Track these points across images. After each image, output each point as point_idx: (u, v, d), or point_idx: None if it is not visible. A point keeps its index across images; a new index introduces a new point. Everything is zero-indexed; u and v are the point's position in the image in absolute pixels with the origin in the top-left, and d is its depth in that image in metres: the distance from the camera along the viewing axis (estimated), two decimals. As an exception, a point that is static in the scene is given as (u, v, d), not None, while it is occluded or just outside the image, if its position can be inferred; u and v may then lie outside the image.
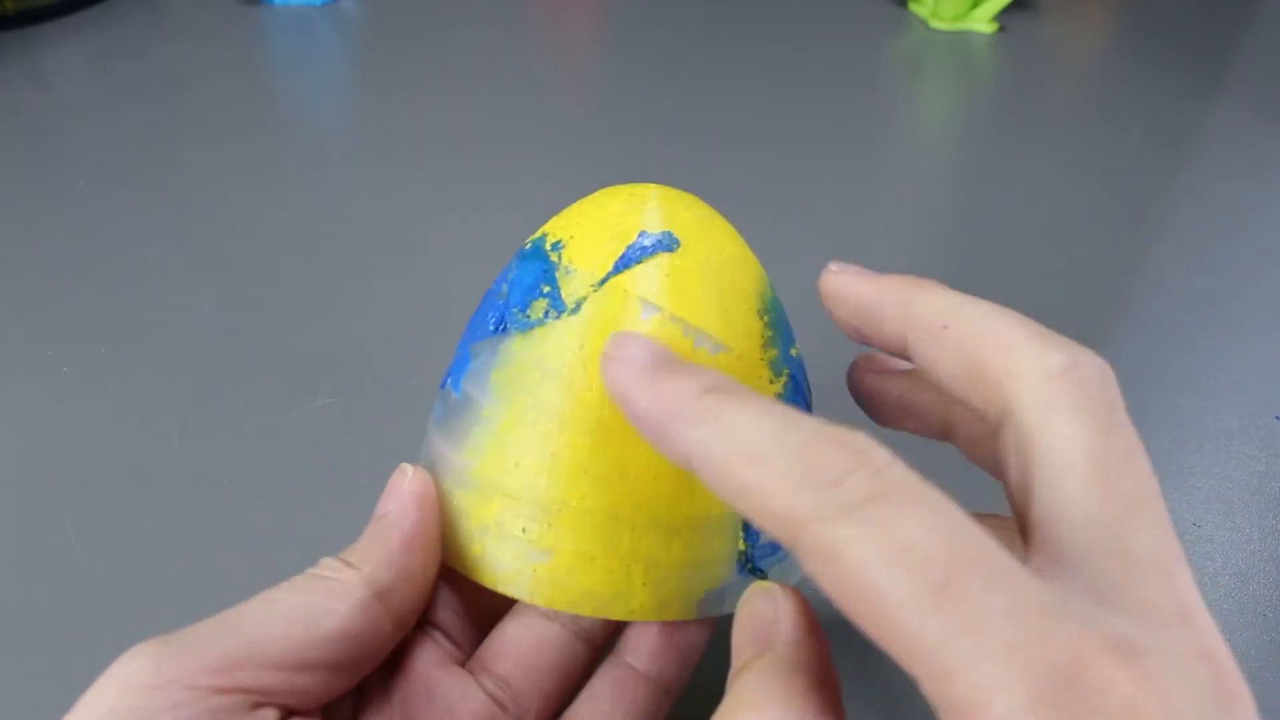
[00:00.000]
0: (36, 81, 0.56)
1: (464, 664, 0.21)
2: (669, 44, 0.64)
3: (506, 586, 0.20)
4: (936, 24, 0.69)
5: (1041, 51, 0.67)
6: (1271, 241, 0.46)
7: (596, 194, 0.22)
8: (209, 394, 0.33)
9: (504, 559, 0.19)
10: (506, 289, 0.21)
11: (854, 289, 0.18)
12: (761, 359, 0.20)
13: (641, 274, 0.19)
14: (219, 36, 0.62)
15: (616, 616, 0.19)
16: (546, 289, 0.20)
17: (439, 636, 0.21)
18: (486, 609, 0.22)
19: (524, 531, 0.19)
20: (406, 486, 0.20)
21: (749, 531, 0.20)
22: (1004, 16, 0.70)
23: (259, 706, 0.17)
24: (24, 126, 0.51)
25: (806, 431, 0.14)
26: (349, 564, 0.19)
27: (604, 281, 0.19)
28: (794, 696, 0.14)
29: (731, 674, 0.15)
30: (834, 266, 0.19)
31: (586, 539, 0.19)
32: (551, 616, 0.21)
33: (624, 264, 0.19)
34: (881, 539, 0.12)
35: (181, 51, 0.60)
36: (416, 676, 0.20)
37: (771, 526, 0.13)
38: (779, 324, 0.21)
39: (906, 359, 0.18)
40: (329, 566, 0.19)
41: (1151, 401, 0.36)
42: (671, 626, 0.21)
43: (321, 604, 0.18)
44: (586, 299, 0.19)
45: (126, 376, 0.34)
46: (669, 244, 0.19)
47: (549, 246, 0.20)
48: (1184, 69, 0.64)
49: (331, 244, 0.42)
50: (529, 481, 0.19)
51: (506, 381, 0.20)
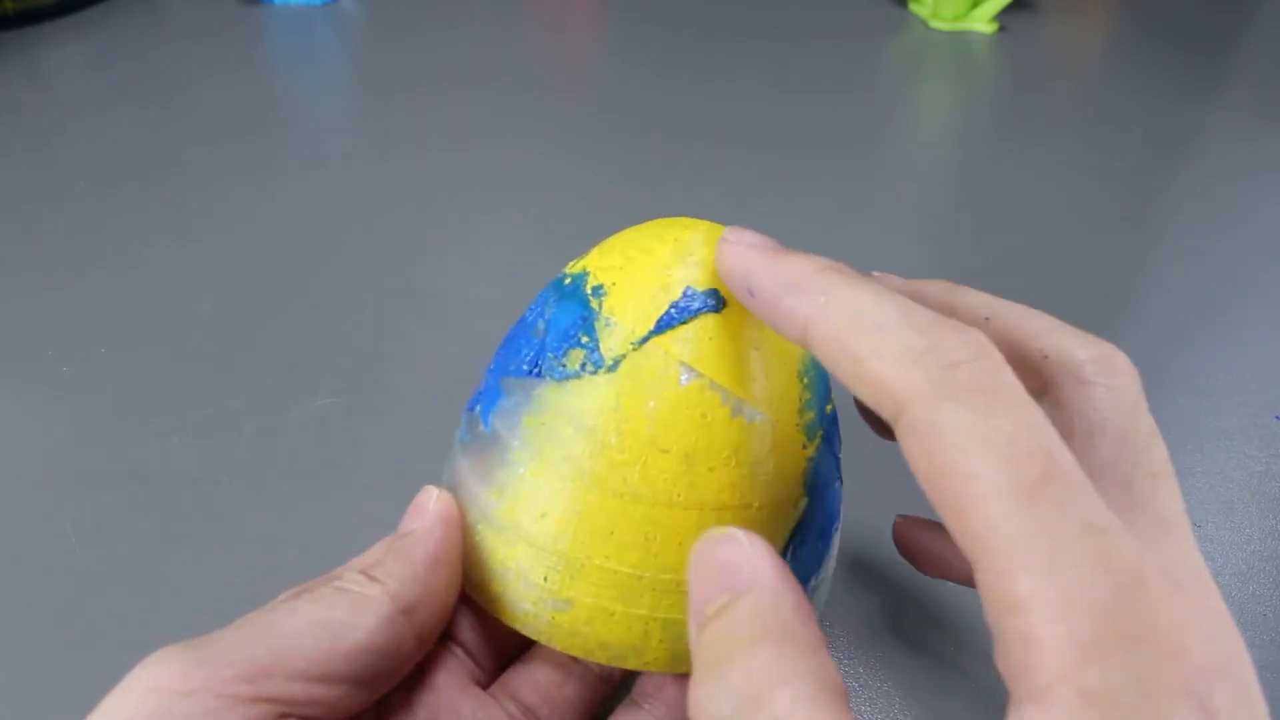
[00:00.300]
0: (36, 81, 0.56)
1: (483, 683, 0.21)
2: (669, 44, 0.64)
3: (524, 627, 0.20)
4: (936, 24, 0.69)
5: (1041, 51, 0.67)
6: (1271, 241, 0.46)
7: (642, 230, 0.21)
8: (209, 394, 0.33)
9: (524, 602, 0.19)
10: (544, 327, 0.20)
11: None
12: (797, 424, 0.20)
13: (683, 336, 0.19)
14: (219, 36, 0.62)
15: (632, 667, 0.19)
16: (585, 339, 0.19)
17: (460, 654, 0.21)
18: (506, 630, 0.21)
19: (545, 580, 0.19)
20: (432, 507, 0.20)
21: None
22: (1004, 16, 0.70)
23: (284, 718, 0.17)
24: (24, 126, 0.51)
25: (930, 314, 0.14)
26: (374, 578, 0.19)
27: (645, 341, 0.19)
28: (794, 631, 0.13)
29: (697, 625, 0.15)
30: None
31: (608, 597, 0.19)
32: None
33: (666, 324, 0.19)
34: (988, 427, 0.13)
35: (181, 51, 0.60)
36: (437, 695, 0.20)
37: (877, 396, 0.14)
38: (817, 383, 0.20)
39: None
40: (353, 580, 0.19)
41: (1151, 401, 0.35)
42: (685, 677, 0.21)
43: (347, 617, 0.18)
44: (625, 357, 0.19)
45: (126, 376, 0.34)
46: (714, 305, 0.19)
47: (589, 290, 0.20)
48: (1184, 69, 0.64)
49: (331, 244, 0.42)
50: (554, 535, 0.19)
51: (538, 428, 0.19)
